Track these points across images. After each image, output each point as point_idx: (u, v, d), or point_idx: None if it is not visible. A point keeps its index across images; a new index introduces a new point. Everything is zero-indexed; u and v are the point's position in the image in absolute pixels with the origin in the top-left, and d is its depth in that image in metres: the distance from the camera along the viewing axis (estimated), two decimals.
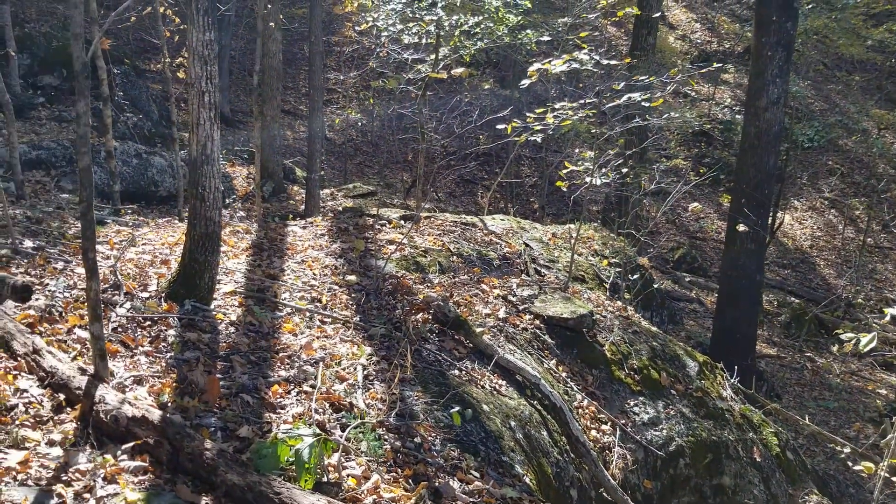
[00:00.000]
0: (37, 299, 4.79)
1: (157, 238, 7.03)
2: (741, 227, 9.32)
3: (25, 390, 3.72)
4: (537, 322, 6.74)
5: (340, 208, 11.49)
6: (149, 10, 9.04)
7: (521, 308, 6.89)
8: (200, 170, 5.26)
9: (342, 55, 19.56)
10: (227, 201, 11.18)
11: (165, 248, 6.64)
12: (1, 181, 8.52)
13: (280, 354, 4.93)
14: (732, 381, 7.98)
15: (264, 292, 6.00)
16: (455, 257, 7.62)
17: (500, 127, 6.65)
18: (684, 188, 11.14)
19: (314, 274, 6.60)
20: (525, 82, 6.58)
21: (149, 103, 15.02)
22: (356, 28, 10.11)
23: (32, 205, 8.12)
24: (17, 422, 3.47)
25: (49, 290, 5.05)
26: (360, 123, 17.60)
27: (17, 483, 2.99)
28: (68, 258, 5.88)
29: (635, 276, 8.78)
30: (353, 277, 6.46)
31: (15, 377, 3.82)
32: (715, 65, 7.79)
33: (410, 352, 5.13)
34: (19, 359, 3.99)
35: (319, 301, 6.02)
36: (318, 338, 5.34)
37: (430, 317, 6.02)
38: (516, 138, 7.14)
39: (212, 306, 5.46)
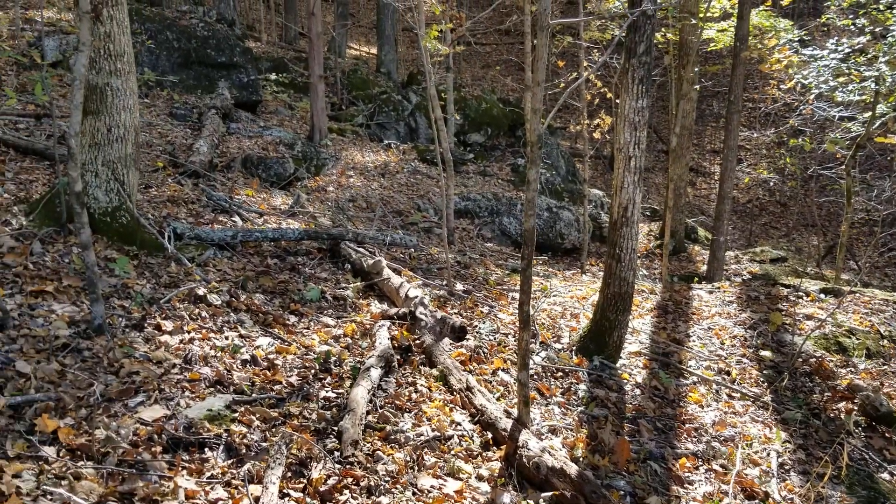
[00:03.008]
0: (468, 339, 5.34)
1: (566, 290, 7.38)
2: None
3: (459, 424, 4.15)
4: None
5: (745, 273, 10.89)
6: (574, 74, 9.67)
7: None
8: (619, 231, 5.40)
9: (755, 112, 18.71)
10: None
11: (574, 301, 6.94)
12: (436, 227, 9.79)
13: (686, 425, 4.79)
14: None
15: (669, 357, 5.91)
16: (886, 341, 6.68)
17: None
18: None
19: (721, 343, 6.32)
20: None
21: (558, 159, 16.03)
22: (781, 87, 9.58)
23: (460, 250, 9.14)
24: (452, 451, 3.88)
25: (477, 332, 5.61)
26: (771, 182, 16.58)
27: None
28: (492, 303, 6.47)
29: None
30: (767, 353, 6.03)
31: (451, 410, 4.29)
32: None
33: (846, 451, 4.59)
34: (455, 393, 4.47)
35: (727, 373, 5.74)
36: (725, 413, 5.08)
37: (856, 408, 5.34)
38: None
39: (618, 364, 5.55)
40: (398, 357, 4.81)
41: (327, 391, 4.19)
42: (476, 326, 5.73)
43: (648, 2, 4.97)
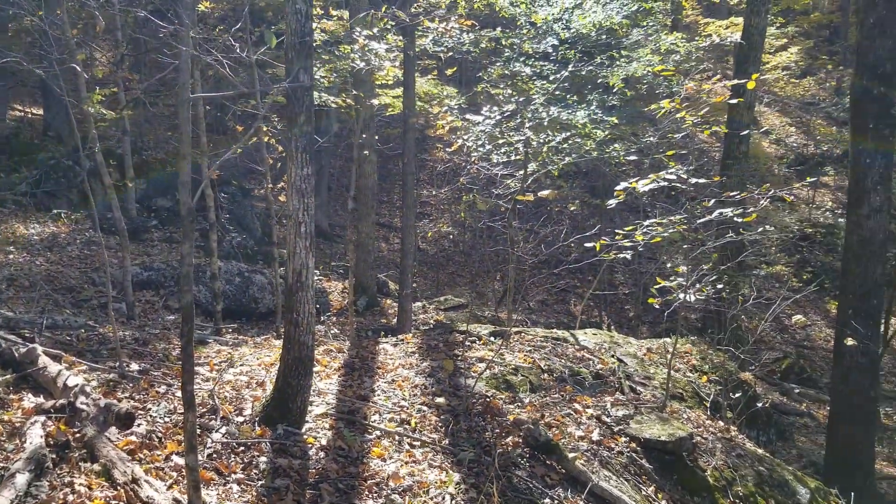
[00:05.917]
0: (139, 425, 4.98)
1: (255, 358, 7.25)
2: (850, 342, 8.79)
3: None
4: (633, 445, 6.47)
5: (432, 322, 11.60)
6: (254, 139, 9.68)
7: (615, 430, 6.66)
8: (295, 296, 5.46)
9: (434, 170, 20.24)
10: (322, 318, 11.47)
11: (262, 368, 6.83)
12: (113, 303, 9.08)
13: (368, 482, 4.91)
14: None
15: (354, 414, 6.04)
16: (546, 375, 7.50)
17: (588, 245, 6.66)
18: (786, 300, 10.67)
19: (404, 395, 6.62)
20: (612, 202, 6.61)
21: (253, 221, 15.86)
22: (447, 149, 10.51)
23: (141, 325, 8.57)
24: None
25: (151, 416, 5.26)
26: (451, 236, 17.97)
27: None
28: (171, 381, 6.12)
29: (738, 394, 8.37)
30: (441, 399, 6.44)
31: None
32: (809, 178, 7.60)
33: (497, 486, 5.00)
34: (119, 488, 4.13)
35: (409, 423, 6.01)
36: (406, 463, 5.30)
37: (521, 440, 5.89)
38: (605, 256, 7.11)
39: (303, 430, 5.54)
40: (53, 456, 4.32)
41: None
42: (149, 409, 5.37)
43: (304, 75, 5.16)
